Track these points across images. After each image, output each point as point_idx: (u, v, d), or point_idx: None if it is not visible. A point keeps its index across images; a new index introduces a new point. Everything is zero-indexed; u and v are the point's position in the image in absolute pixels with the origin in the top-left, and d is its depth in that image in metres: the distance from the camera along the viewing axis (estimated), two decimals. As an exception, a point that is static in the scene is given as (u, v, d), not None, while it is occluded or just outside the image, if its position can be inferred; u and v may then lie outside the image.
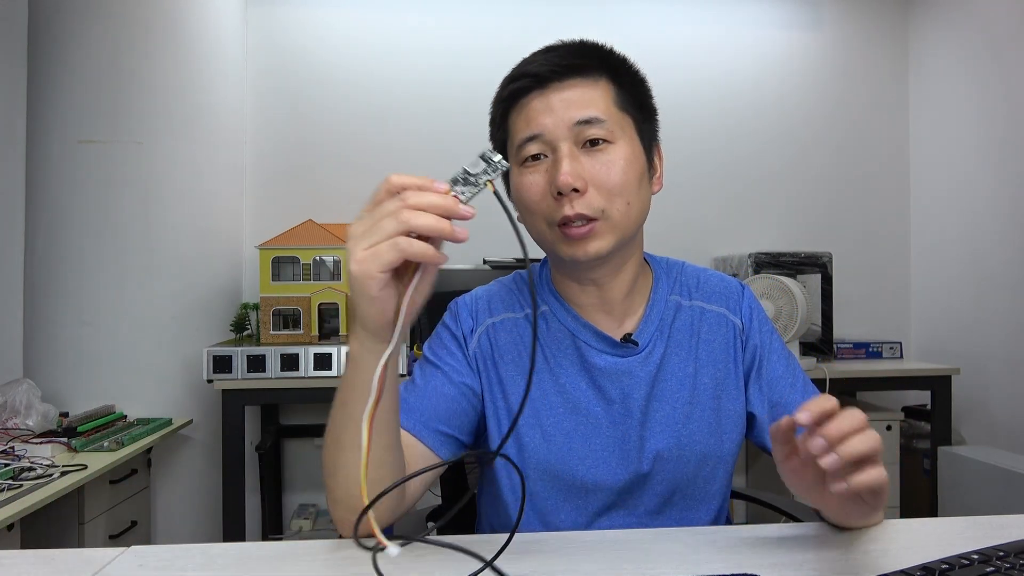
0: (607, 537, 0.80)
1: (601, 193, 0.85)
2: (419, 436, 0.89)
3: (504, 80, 0.92)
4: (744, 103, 3.27)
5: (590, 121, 0.86)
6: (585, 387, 0.93)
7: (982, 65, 2.95)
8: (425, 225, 0.62)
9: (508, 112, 0.91)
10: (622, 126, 0.88)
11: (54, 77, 2.37)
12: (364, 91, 3.06)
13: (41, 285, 2.37)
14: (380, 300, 0.65)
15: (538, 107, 0.87)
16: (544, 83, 0.88)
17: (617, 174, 0.86)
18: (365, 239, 0.63)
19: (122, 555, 0.75)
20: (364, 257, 0.63)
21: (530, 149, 0.87)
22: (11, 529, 1.54)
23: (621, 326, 0.96)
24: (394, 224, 0.62)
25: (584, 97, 0.87)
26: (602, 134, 0.86)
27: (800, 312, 2.50)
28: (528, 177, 0.88)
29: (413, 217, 0.62)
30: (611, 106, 0.88)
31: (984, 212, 2.93)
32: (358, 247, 0.63)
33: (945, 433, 2.68)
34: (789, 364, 1.00)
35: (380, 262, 0.62)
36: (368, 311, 0.66)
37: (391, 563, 0.68)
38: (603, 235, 0.86)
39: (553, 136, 0.86)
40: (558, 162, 0.85)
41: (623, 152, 0.87)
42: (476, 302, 1.00)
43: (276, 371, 2.31)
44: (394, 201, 0.63)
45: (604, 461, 0.92)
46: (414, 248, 0.62)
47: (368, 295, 0.64)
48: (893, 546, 0.75)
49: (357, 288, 0.65)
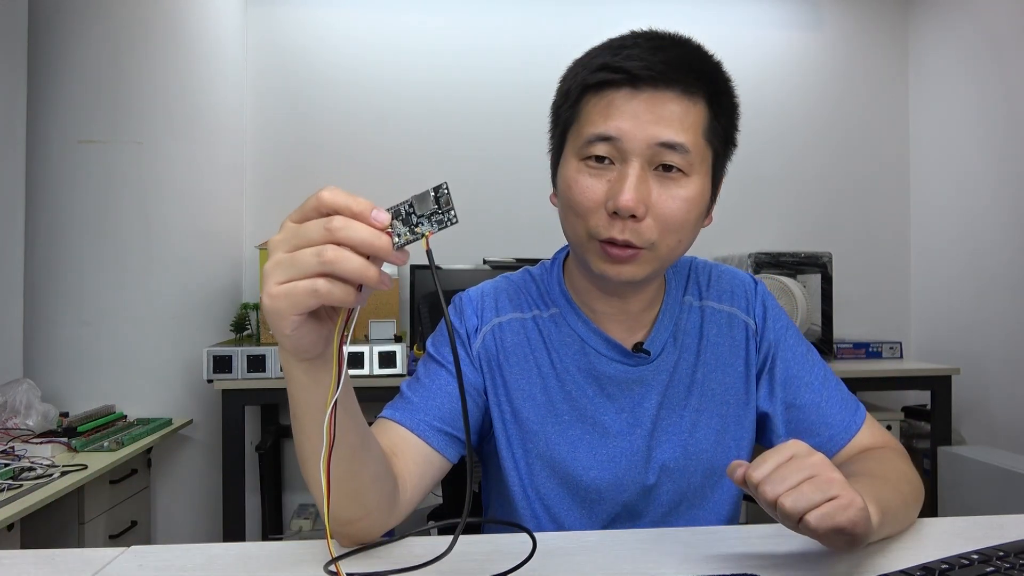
0: (607, 537, 0.79)
1: (657, 225, 0.79)
2: (423, 436, 0.86)
3: (592, 58, 0.83)
4: (744, 103, 3.21)
5: (674, 147, 0.78)
6: (593, 395, 0.91)
7: (982, 65, 2.95)
8: (350, 270, 0.54)
9: (585, 94, 0.82)
10: (703, 159, 0.81)
11: (54, 77, 2.37)
12: (364, 91, 3.06)
13: (41, 285, 2.37)
14: (295, 338, 0.58)
15: (623, 108, 0.79)
16: (638, 84, 0.79)
17: (681, 212, 0.79)
18: (281, 270, 0.55)
19: (122, 555, 0.75)
20: (278, 294, 0.55)
21: (598, 149, 0.79)
22: (11, 529, 1.54)
23: (633, 334, 0.92)
24: (315, 263, 0.54)
25: (676, 117, 0.78)
26: (680, 163, 0.79)
27: (800, 312, 2.50)
28: (586, 179, 0.80)
29: (337, 260, 0.53)
30: (699, 136, 0.80)
31: (984, 212, 2.93)
32: (271, 278, 0.56)
33: (945, 433, 2.68)
34: (807, 360, 0.95)
35: (292, 304, 0.55)
36: (284, 343, 0.60)
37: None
38: (643, 264, 0.81)
39: (629, 146, 0.78)
40: (624, 179, 0.77)
41: (694, 189, 0.80)
42: (483, 299, 0.96)
43: (276, 371, 2.31)
44: (318, 228, 0.54)
45: (610, 472, 0.90)
46: (334, 296, 0.54)
47: (281, 332, 0.58)
48: (893, 546, 0.75)
49: (271, 323, 0.58)
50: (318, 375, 0.63)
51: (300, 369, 0.63)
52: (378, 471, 0.75)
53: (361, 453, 0.71)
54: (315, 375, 0.63)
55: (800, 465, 0.64)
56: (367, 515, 0.74)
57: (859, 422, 0.93)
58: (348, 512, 0.73)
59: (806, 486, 0.62)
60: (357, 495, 0.73)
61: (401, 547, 0.76)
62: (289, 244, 0.56)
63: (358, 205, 0.54)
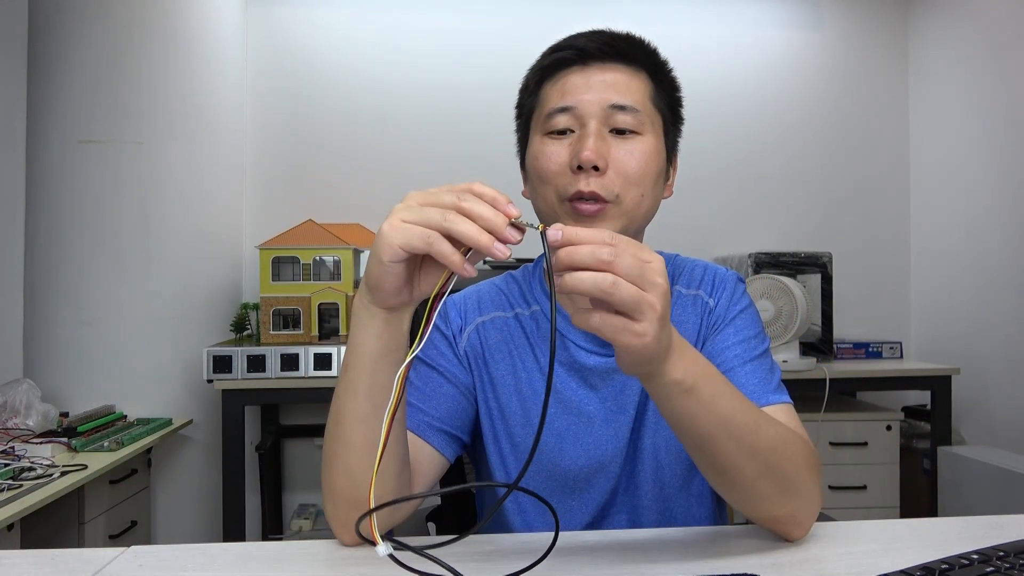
0: (607, 537, 0.80)
1: (619, 177, 0.85)
2: (424, 437, 0.87)
3: (547, 50, 0.92)
4: (744, 103, 3.27)
5: (624, 108, 0.86)
6: (576, 386, 0.93)
7: (982, 65, 2.95)
8: (465, 233, 0.61)
9: (543, 81, 0.91)
10: (652, 121, 0.88)
11: (54, 77, 2.37)
12: (364, 91, 3.06)
13: (41, 285, 2.37)
14: (387, 269, 0.65)
15: (576, 81, 0.87)
16: (587, 60, 0.88)
17: (639, 163, 0.86)
18: (408, 212, 0.63)
19: (122, 555, 0.75)
20: (397, 226, 0.63)
21: (559, 121, 0.87)
22: (11, 529, 1.54)
23: None
24: (439, 218, 0.62)
25: (623, 82, 0.87)
26: (632, 124, 0.86)
27: (800, 312, 2.50)
28: (550, 147, 0.87)
29: (459, 223, 0.61)
30: (646, 99, 0.88)
31: (984, 212, 2.93)
32: (398, 214, 0.64)
33: (945, 433, 2.68)
34: (746, 340, 0.91)
35: (405, 239, 0.62)
36: (373, 269, 0.66)
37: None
38: (612, 219, 0.86)
39: (585, 112, 0.86)
40: (585, 137, 0.84)
41: (648, 145, 0.87)
42: (466, 301, 0.99)
43: (276, 371, 2.31)
44: (451, 195, 0.63)
45: (596, 459, 0.91)
46: (441, 248, 0.62)
47: (379, 258, 0.64)
48: (893, 546, 0.75)
49: (377, 247, 0.65)
50: (381, 325, 0.70)
51: (370, 315, 0.70)
52: (404, 457, 0.79)
53: (401, 433, 0.76)
54: (378, 324, 0.70)
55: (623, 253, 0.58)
56: (383, 498, 0.75)
57: (772, 400, 0.86)
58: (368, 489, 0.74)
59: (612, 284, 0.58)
60: (386, 472, 0.74)
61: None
62: (423, 199, 0.64)
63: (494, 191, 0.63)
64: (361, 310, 0.70)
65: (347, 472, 0.74)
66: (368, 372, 0.71)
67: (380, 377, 0.71)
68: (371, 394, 0.71)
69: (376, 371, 0.71)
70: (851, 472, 2.62)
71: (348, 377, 0.72)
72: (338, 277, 2.49)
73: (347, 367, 0.72)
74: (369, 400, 0.72)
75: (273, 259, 2.46)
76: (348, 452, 0.73)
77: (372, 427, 0.72)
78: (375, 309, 0.69)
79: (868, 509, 2.63)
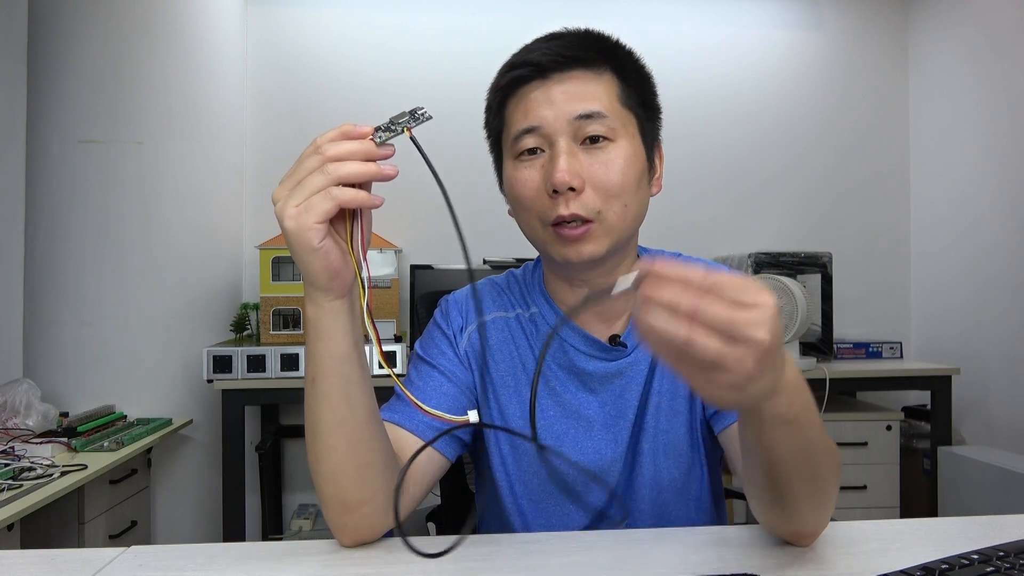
0: (607, 537, 0.79)
1: (598, 194, 0.82)
2: (424, 437, 0.87)
3: (503, 67, 0.88)
4: (744, 103, 3.27)
5: (591, 116, 0.82)
6: (576, 390, 0.92)
7: (982, 65, 2.95)
8: (352, 172, 0.63)
9: (506, 101, 0.88)
10: (624, 123, 0.84)
11: (54, 77, 2.36)
12: (364, 91, 3.06)
13: (41, 285, 2.37)
14: (323, 251, 0.65)
15: (538, 98, 0.83)
16: (545, 73, 0.84)
17: (616, 175, 0.82)
18: (294, 197, 0.64)
19: (122, 555, 0.75)
20: (297, 212, 0.63)
21: (526, 142, 0.84)
22: (11, 529, 1.54)
23: (610, 326, 0.93)
24: (321, 179, 0.63)
25: (587, 90, 0.83)
26: (603, 131, 0.82)
27: (800, 312, 2.50)
28: (523, 172, 0.84)
29: (338, 168, 0.63)
30: (614, 102, 0.84)
31: (984, 212, 2.93)
32: (288, 205, 0.64)
33: (945, 433, 2.68)
34: None
35: (315, 213, 0.63)
36: (313, 264, 0.65)
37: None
38: (598, 238, 0.83)
39: (552, 130, 0.82)
40: (555, 158, 0.81)
41: (623, 151, 0.83)
42: (467, 300, 0.98)
43: (276, 371, 2.31)
44: (313, 157, 0.64)
45: (595, 464, 0.91)
46: (348, 195, 0.63)
47: (310, 247, 0.64)
48: (893, 546, 0.75)
49: (297, 244, 0.64)
50: (341, 318, 0.69)
51: (326, 310, 0.68)
52: (387, 450, 0.77)
53: (372, 424, 0.74)
54: (339, 318, 0.68)
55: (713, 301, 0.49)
56: (375, 496, 0.75)
57: None
58: (358, 491, 0.74)
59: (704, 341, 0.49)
60: (368, 468, 0.74)
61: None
62: (293, 178, 0.64)
63: (341, 128, 0.64)
64: (320, 314, 0.69)
65: (333, 478, 0.74)
66: (340, 374, 0.71)
67: (353, 374, 0.71)
68: (345, 394, 0.71)
69: (348, 371, 0.71)
70: (851, 472, 2.62)
71: (318, 387, 0.71)
72: (338, 277, 2.49)
73: (314, 378, 0.71)
74: (344, 401, 0.71)
75: (273, 259, 2.46)
76: (330, 458, 0.73)
77: (351, 428, 0.72)
78: (337, 304, 0.69)
79: (868, 509, 2.63)
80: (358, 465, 0.74)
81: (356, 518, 0.75)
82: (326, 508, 0.76)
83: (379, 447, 0.75)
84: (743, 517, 2.87)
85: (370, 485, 0.74)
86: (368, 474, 0.74)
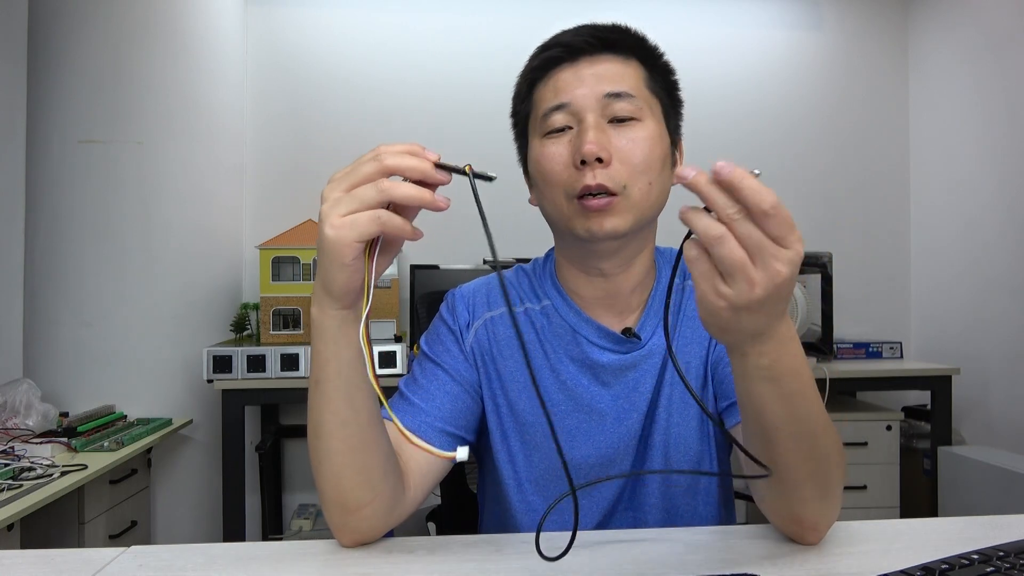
0: (608, 537, 0.79)
1: (625, 167, 0.83)
2: (427, 438, 0.86)
3: (535, 51, 0.90)
4: (744, 103, 3.27)
5: (620, 95, 0.84)
6: (588, 383, 0.92)
7: (982, 65, 2.95)
8: (405, 195, 0.62)
9: (535, 84, 0.89)
10: (651, 106, 0.87)
11: (54, 77, 2.37)
12: (364, 91, 3.06)
13: (41, 285, 2.37)
14: (352, 268, 0.65)
15: (568, 78, 0.86)
16: (576, 55, 0.86)
17: (643, 151, 0.83)
18: (342, 205, 0.63)
19: (122, 555, 0.75)
20: (342, 224, 0.62)
21: (556, 120, 0.85)
22: (11, 529, 1.54)
23: (623, 319, 0.93)
24: (373, 193, 0.62)
25: (615, 72, 0.86)
26: (630, 110, 0.84)
27: (800, 312, 2.50)
28: (551, 147, 0.85)
29: (394, 188, 0.62)
30: (641, 85, 0.86)
31: (984, 212, 2.93)
32: (334, 212, 0.63)
33: (945, 433, 2.68)
34: None
35: (358, 232, 0.62)
36: (337, 278, 0.65)
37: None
38: (622, 212, 0.83)
39: (581, 106, 0.84)
40: (584, 131, 0.82)
41: (650, 130, 0.85)
42: (474, 295, 0.98)
43: (276, 371, 2.31)
44: (371, 164, 0.63)
45: (607, 458, 0.91)
46: (394, 223, 0.63)
47: (342, 261, 0.64)
48: (893, 546, 0.75)
49: (330, 253, 0.64)
50: (348, 329, 0.69)
51: (336, 320, 0.69)
52: (388, 453, 0.77)
53: (374, 427, 0.74)
54: (346, 329, 0.69)
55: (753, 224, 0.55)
56: (375, 499, 0.75)
57: None
58: (358, 494, 0.74)
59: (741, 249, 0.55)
60: (369, 472, 0.75)
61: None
62: (346, 183, 0.64)
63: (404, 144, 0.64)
64: (328, 323, 0.69)
65: (334, 480, 0.74)
66: (344, 379, 0.71)
67: (357, 378, 0.71)
68: (348, 398, 0.71)
69: (351, 374, 0.71)
70: (851, 472, 2.62)
71: (321, 390, 0.71)
72: (338, 277, 2.48)
73: (318, 380, 0.71)
74: (348, 404, 0.72)
75: (273, 259, 2.46)
76: (332, 460, 0.73)
77: (353, 430, 0.72)
78: (344, 314, 0.69)
79: (868, 509, 2.63)
80: (359, 468, 0.74)
81: (356, 520, 0.75)
82: (327, 509, 0.76)
83: (380, 451, 0.76)
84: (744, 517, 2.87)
85: (371, 488, 0.75)
86: (369, 477, 0.74)
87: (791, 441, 0.66)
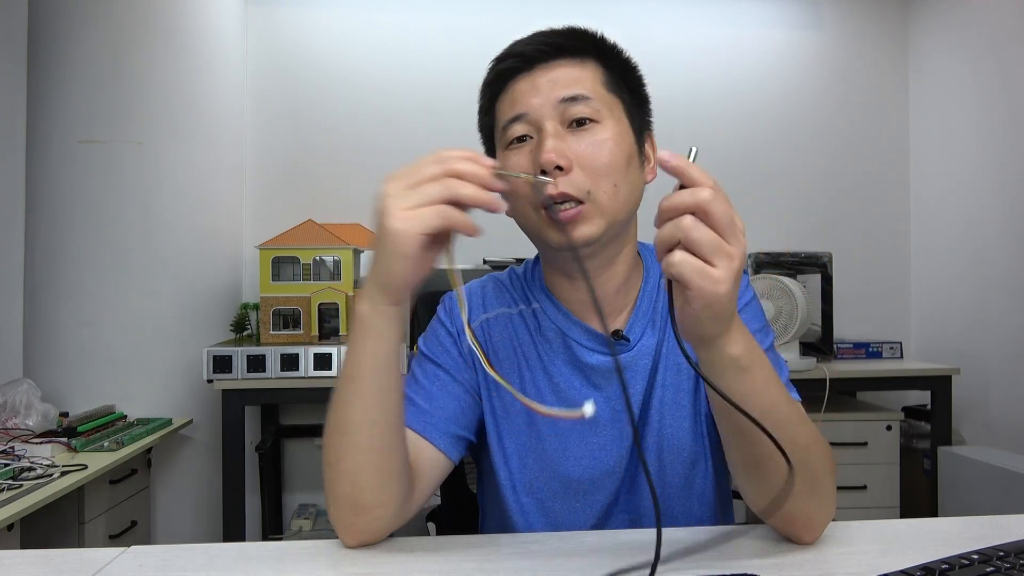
0: (607, 536, 0.80)
1: (587, 173, 0.82)
2: (430, 439, 0.87)
3: (491, 63, 0.90)
4: (744, 103, 3.27)
5: (576, 98, 0.83)
6: (579, 385, 0.92)
7: (982, 65, 2.95)
8: (470, 195, 0.65)
9: (495, 97, 0.89)
10: (610, 107, 0.85)
11: (54, 77, 2.36)
12: (364, 91, 3.06)
13: (41, 285, 2.37)
14: (415, 261, 0.66)
15: (524, 88, 0.85)
16: (531, 63, 0.86)
17: (603, 154, 0.82)
18: (405, 199, 0.65)
19: (122, 555, 0.75)
20: (407, 216, 0.64)
21: (515, 130, 0.85)
22: (11, 529, 1.54)
23: (611, 321, 0.93)
24: (439, 190, 0.64)
25: (571, 76, 0.85)
26: (588, 112, 0.83)
27: (800, 312, 2.50)
28: (512, 159, 0.85)
29: (460, 186, 0.64)
30: (599, 86, 0.86)
31: (984, 212, 2.93)
32: (397, 205, 0.65)
33: (945, 433, 2.68)
34: (755, 337, 0.87)
35: (424, 224, 0.64)
36: (399, 270, 0.67)
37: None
38: (591, 219, 0.82)
39: (538, 115, 0.83)
40: (542, 141, 0.82)
41: (610, 132, 0.84)
42: (471, 297, 0.98)
43: (276, 371, 2.31)
44: (435, 166, 0.65)
45: (600, 461, 0.91)
46: (459, 217, 0.65)
47: (405, 254, 0.65)
48: (893, 546, 0.75)
49: (395, 246, 0.65)
50: (393, 325, 0.71)
51: (380, 311, 0.70)
52: (406, 457, 0.78)
53: (399, 429, 0.76)
54: (391, 325, 0.70)
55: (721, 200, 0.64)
56: (388, 501, 0.76)
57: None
58: (374, 494, 0.75)
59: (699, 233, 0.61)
60: (388, 472, 0.75)
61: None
62: (408, 180, 0.66)
63: (464, 149, 0.67)
64: (375, 317, 0.70)
65: (352, 477, 0.74)
66: (382, 375, 0.72)
67: (391, 379, 0.72)
68: (380, 397, 0.72)
69: (387, 373, 0.72)
70: (851, 472, 2.62)
71: (356, 384, 0.72)
72: (338, 277, 2.49)
73: (353, 375, 0.72)
74: (378, 404, 0.72)
75: (273, 259, 2.46)
76: (354, 457, 0.74)
77: (380, 431, 0.73)
78: (392, 310, 0.70)
79: (868, 509, 2.63)
80: (378, 468, 0.74)
81: (366, 520, 0.76)
82: (336, 508, 0.76)
83: (399, 455, 0.76)
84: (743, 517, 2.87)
85: (386, 489, 0.75)
86: (386, 478, 0.75)
87: (772, 433, 0.67)
